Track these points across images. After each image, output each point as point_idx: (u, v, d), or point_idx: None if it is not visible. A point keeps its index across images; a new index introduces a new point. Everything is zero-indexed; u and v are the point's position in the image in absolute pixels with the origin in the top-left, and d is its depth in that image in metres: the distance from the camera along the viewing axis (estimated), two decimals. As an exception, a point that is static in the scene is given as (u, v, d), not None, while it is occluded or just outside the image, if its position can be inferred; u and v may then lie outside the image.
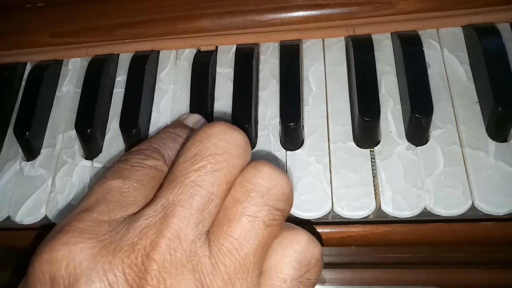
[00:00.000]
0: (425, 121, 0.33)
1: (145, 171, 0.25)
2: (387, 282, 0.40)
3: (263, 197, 0.22)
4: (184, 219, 0.21)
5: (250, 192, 0.22)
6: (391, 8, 0.38)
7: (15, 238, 0.38)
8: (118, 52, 0.42)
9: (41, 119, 0.40)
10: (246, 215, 0.22)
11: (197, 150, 0.23)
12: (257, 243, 0.22)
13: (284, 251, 0.23)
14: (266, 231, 0.22)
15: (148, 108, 0.39)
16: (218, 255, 0.21)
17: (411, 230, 0.33)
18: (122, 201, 0.23)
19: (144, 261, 0.20)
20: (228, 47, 0.40)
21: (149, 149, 0.27)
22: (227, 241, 0.21)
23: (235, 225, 0.22)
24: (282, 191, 0.23)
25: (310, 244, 0.23)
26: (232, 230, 0.21)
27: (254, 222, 0.22)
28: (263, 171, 0.23)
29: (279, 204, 0.22)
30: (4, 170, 0.38)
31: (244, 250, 0.21)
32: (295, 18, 0.39)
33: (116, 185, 0.24)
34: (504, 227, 0.32)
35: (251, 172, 0.23)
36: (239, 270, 0.21)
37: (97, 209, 0.23)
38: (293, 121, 0.34)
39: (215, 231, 0.22)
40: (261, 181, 0.22)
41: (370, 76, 0.35)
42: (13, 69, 0.43)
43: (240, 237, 0.21)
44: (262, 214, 0.22)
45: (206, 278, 0.21)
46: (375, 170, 0.33)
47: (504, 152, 0.32)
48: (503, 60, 0.34)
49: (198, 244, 0.21)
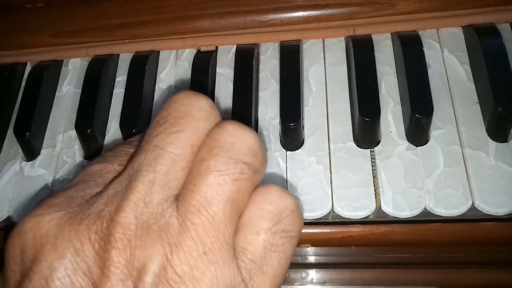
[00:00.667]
0: (425, 121, 0.33)
1: (129, 157, 0.24)
2: (387, 282, 0.40)
3: (228, 152, 0.21)
4: (148, 182, 0.21)
5: (214, 148, 0.21)
6: (391, 9, 0.38)
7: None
8: (118, 52, 0.42)
9: (41, 119, 0.40)
10: (211, 171, 0.21)
11: (160, 116, 0.23)
12: (225, 199, 0.21)
13: (256, 205, 0.22)
14: (233, 186, 0.21)
15: (148, 108, 0.39)
16: (185, 214, 0.20)
17: (411, 230, 0.33)
18: (101, 180, 0.23)
19: (109, 225, 0.20)
20: (228, 47, 0.40)
21: (136, 140, 0.26)
22: (194, 199, 0.21)
23: (201, 182, 0.21)
24: (248, 145, 0.22)
25: (281, 195, 0.23)
26: (198, 188, 0.21)
27: (220, 177, 0.21)
28: (227, 128, 0.22)
29: (246, 157, 0.22)
30: (4, 170, 0.38)
31: (212, 207, 0.21)
32: (295, 18, 0.39)
33: (98, 168, 0.24)
34: (504, 227, 0.32)
35: (216, 131, 0.22)
36: (208, 228, 0.20)
37: (74, 187, 0.23)
38: (293, 122, 0.34)
39: (182, 192, 0.21)
40: (226, 137, 0.22)
41: (370, 77, 0.35)
42: (13, 69, 0.43)
43: (207, 194, 0.21)
44: (227, 168, 0.21)
45: (174, 238, 0.20)
46: (375, 170, 0.33)
47: (504, 153, 0.32)
48: (503, 61, 0.34)
49: (165, 205, 0.21)
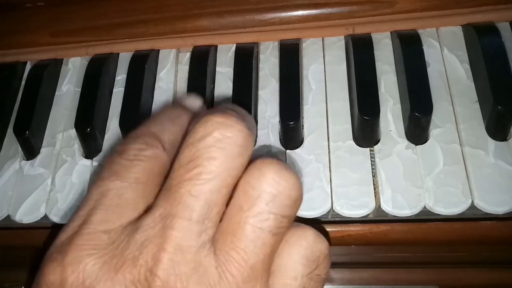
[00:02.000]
0: (424, 120, 0.33)
1: (143, 165, 0.23)
2: (387, 282, 0.40)
3: (268, 205, 0.21)
4: (184, 230, 0.20)
5: (253, 199, 0.21)
6: (390, 7, 0.38)
7: (15, 237, 0.38)
8: (118, 51, 0.42)
9: (41, 118, 0.40)
10: (250, 225, 0.21)
11: (191, 154, 0.21)
12: (264, 253, 0.21)
13: (291, 249, 0.22)
14: (272, 239, 0.21)
15: (148, 107, 0.39)
16: (224, 265, 0.20)
17: (411, 229, 0.33)
18: (120, 205, 0.22)
19: (148, 277, 0.20)
20: (227, 46, 0.40)
21: (146, 135, 0.25)
22: (233, 251, 0.20)
23: (240, 235, 0.21)
24: (289, 196, 0.21)
25: (317, 240, 0.23)
26: (238, 240, 0.21)
27: (260, 231, 0.21)
28: (266, 175, 0.21)
29: (286, 210, 0.21)
30: (4, 169, 0.38)
31: (251, 260, 0.20)
32: (295, 17, 0.39)
33: (113, 187, 0.23)
34: (504, 226, 0.32)
35: (254, 175, 0.21)
36: (247, 280, 0.20)
37: (94, 218, 0.22)
38: (292, 120, 0.34)
39: (220, 239, 0.21)
40: (265, 186, 0.21)
41: (369, 75, 0.35)
42: (13, 68, 0.43)
43: (246, 248, 0.20)
44: (268, 223, 0.21)
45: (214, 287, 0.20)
46: (374, 169, 0.33)
47: (504, 151, 0.32)
48: (502, 59, 0.34)
49: (202, 254, 0.20)
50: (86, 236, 0.21)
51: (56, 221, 0.35)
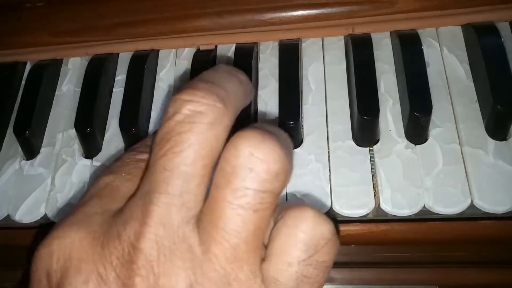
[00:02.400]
0: (424, 119, 0.33)
1: (136, 164, 0.24)
2: (387, 282, 0.40)
3: (245, 180, 0.19)
4: (163, 205, 0.20)
5: (229, 175, 0.20)
6: (390, 7, 0.38)
7: (14, 237, 0.38)
8: (118, 51, 0.42)
9: (40, 118, 0.40)
10: (228, 202, 0.20)
11: (163, 133, 0.21)
12: (246, 231, 0.20)
13: (289, 232, 0.20)
14: (254, 216, 0.20)
15: (147, 107, 0.39)
16: (207, 243, 0.20)
17: (411, 228, 0.33)
18: (114, 193, 0.23)
19: (130, 251, 0.20)
20: (227, 46, 0.40)
21: (141, 146, 0.26)
22: (213, 230, 0.20)
23: (219, 213, 0.20)
24: (267, 170, 0.20)
25: (317, 222, 0.20)
26: (217, 219, 0.20)
27: (239, 209, 0.19)
28: (241, 149, 0.20)
29: (265, 185, 0.20)
30: (4, 169, 0.38)
31: (232, 239, 0.19)
32: (295, 17, 0.39)
33: (108, 180, 0.24)
34: (504, 226, 0.32)
35: (230, 151, 0.20)
36: (231, 260, 0.19)
37: (89, 203, 0.23)
38: (292, 120, 0.34)
39: (203, 219, 0.20)
40: (240, 161, 0.19)
41: (369, 75, 0.35)
42: (13, 68, 0.43)
43: (225, 226, 0.19)
44: (246, 200, 0.19)
45: (198, 267, 0.19)
46: (374, 168, 0.33)
47: (503, 151, 0.32)
48: (502, 59, 0.34)
49: (186, 229, 0.20)
50: (80, 215, 0.22)
51: (56, 221, 0.35)
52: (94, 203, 0.23)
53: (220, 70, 0.24)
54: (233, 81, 0.24)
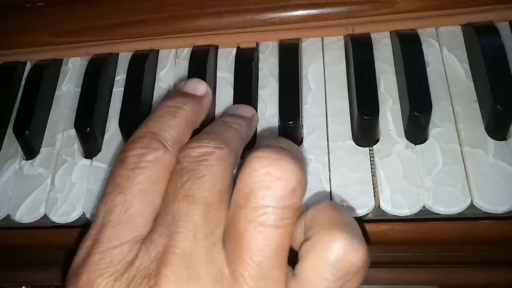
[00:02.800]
0: (424, 119, 0.33)
1: (145, 173, 0.23)
2: (387, 282, 0.40)
3: (264, 199, 0.20)
4: (189, 231, 0.20)
5: (248, 195, 0.20)
6: (390, 7, 0.38)
7: (14, 237, 0.38)
8: (118, 51, 0.42)
9: (40, 118, 0.40)
10: (249, 221, 0.20)
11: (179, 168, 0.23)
12: (269, 247, 0.20)
13: (317, 259, 0.20)
14: (276, 233, 0.20)
15: (147, 107, 0.39)
16: (233, 264, 0.20)
17: (411, 228, 0.33)
18: (129, 220, 0.22)
19: (156, 279, 0.20)
20: (228, 49, 0.40)
21: (146, 137, 0.24)
22: (238, 249, 0.20)
23: (241, 232, 0.20)
24: (284, 186, 0.20)
25: (347, 252, 0.20)
26: (240, 238, 0.20)
27: (260, 226, 0.20)
28: (257, 170, 0.20)
29: (284, 201, 0.20)
30: (3, 169, 0.38)
31: (257, 257, 0.20)
32: (294, 17, 0.39)
33: (118, 202, 0.23)
34: (504, 226, 0.32)
35: (246, 171, 0.21)
36: (256, 278, 0.20)
37: (104, 236, 0.22)
38: (292, 120, 0.34)
39: (226, 239, 0.21)
40: (257, 181, 0.20)
41: (369, 75, 0.35)
42: (13, 68, 0.43)
43: (249, 245, 0.20)
44: (266, 217, 0.20)
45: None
46: (374, 168, 0.33)
47: (503, 151, 0.32)
48: (502, 59, 0.34)
49: (214, 251, 0.21)
50: (98, 255, 0.21)
51: (56, 220, 0.35)
52: (109, 236, 0.22)
53: (217, 123, 0.28)
54: (230, 130, 0.27)
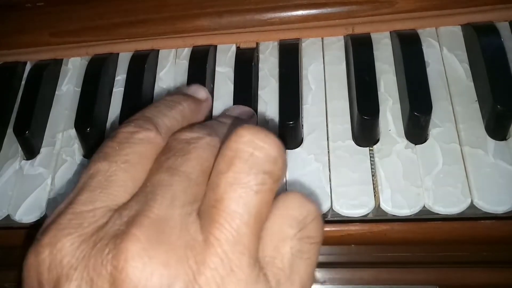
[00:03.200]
0: (424, 119, 0.33)
1: (134, 148, 0.23)
2: (387, 282, 0.40)
3: (247, 162, 0.20)
4: (167, 199, 0.20)
5: (230, 159, 0.21)
6: (390, 7, 0.38)
7: (15, 237, 0.38)
8: (118, 51, 0.42)
9: (40, 118, 0.40)
10: (231, 184, 0.20)
11: (166, 147, 0.24)
12: (248, 212, 0.20)
13: (279, 212, 0.21)
14: (256, 198, 0.20)
15: (147, 107, 0.39)
16: (208, 229, 0.19)
17: (411, 228, 0.33)
18: (108, 186, 0.22)
19: (124, 239, 0.19)
20: (227, 46, 0.40)
21: (140, 119, 0.25)
22: (216, 214, 0.20)
23: (221, 196, 0.20)
24: (268, 153, 0.21)
25: (303, 201, 0.22)
26: (219, 202, 0.20)
27: (241, 190, 0.20)
28: (243, 135, 0.21)
29: (266, 166, 0.21)
30: (4, 169, 0.38)
31: (235, 221, 0.19)
32: (295, 17, 0.39)
33: (102, 168, 0.22)
34: (504, 226, 0.32)
35: (232, 139, 0.21)
36: (233, 243, 0.19)
37: (80, 198, 0.21)
38: (292, 120, 0.34)
39: (204, 207, 0.21)
40: (243, 146, 0.21)
41: (369, 75, 0.35)
42: (13, 68, 0.43)
43: (227, 208, 0.20)
44: (248, 180, 0.20)
45: (199, 255, 0.19)
46: (374, 168, 0.33)
47: (503, 151, 0.32)
48: (502, 59, 0.34)
49: (188, 219, 0.20)
50: (69, 215, 0.21)
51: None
52: (85, 198, 0.21)
53: (213, 121, 0.29)
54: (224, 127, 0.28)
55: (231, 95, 0.38)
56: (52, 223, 0.21)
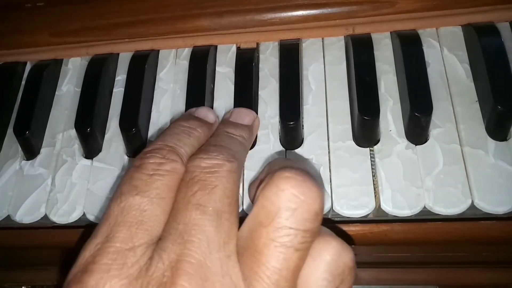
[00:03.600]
0: (424, 120, 0.33)
1: (163, 180, 0.23)
2: (387, 282, 0.40)
3: (288, 219, 0.20)
4: (203, 242, 0.21)
5: (273, 214, 0.21)
6: (390, 7, 0.38)
7: (15, 237, 0.38)
8: (118, 51, 0.42)
9: (41, 118, 0.40)
10: (271, 240, 0.20)
11: (189, 177, 0.24)
12: (287, 268, 0.20)
13: (314, 263, 0.21)
14: (295, 255, 0.21)
15: (147, 108, 0.39)
16: (250, 278, 0.20)
17: (411, 229, 0.33)
18: (144, 222, 0.22)
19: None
20: (227, 47, 0.40)
21: (164, 149, 0.25)
22: (256, 266, 0.20)
23: (261, 250, 0.20)
24: (308, 210, 0.21)
25: (341, 253, 0.22)
26: (259, 255, 0.20)
27: (281, 247, 0.20)
28: (285, 190, 0.21)
29: (307, 224, 0.21)
30: (4, 169, 0.38)
31: (274, 276, 0.20)
32: (295, 17, 0.39)
33: (135, 203, 0.22)
34: (504, 226, 0.32)
35: (272, 190, 0.21)
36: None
37: (118, 236, 0.21)
38: (292, 120, 0.34)
39: (244, 253, 0.21)
40: (284, 201, 0.21)
41: (369, 75, 0.35)
42: (13, 68, 0.43)
43: (267, 263, 0.20)
44: (289, 239, 0.20)
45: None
46: (374, 169, 0.33)
47: (504, 151, 0.32)
48: (502, 59, 0.34)
49: (229, 264, 0.21)
50: (111, 255, 0.20)
51: (56, 221, 0.35)
52: (123, 236, 0.21)
53: (222, 135, 0.29)
54: (235, 143, 0.28)
55: (232, 96, 0.38)
56: (93, 262, 0.20)
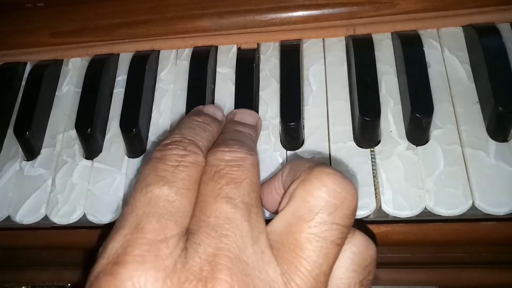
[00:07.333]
0: (425, 120, 0.33)
1: (189, 171, 0.23)
2: (387, 282, 0.40)
3: (331, 215, 0.21)
4: (237, 236, 0.21)
5: (315, 209, 0.21)
6: (391, 8, 0.38)
7: (15, 238, 0.38)
8: (118, 52, 0.42)
9: (41, 119, 0.40)
10: (313, 235, 0.21)
11: (213, 170, 0.23)
12: (327, 263, 0.21)
13: (343, 255, 0.22)
14: (335, 250, 0.21)
15: (148, 108, 0.39)
16: (288, 273, 0.20)
17: (412, 230, 0.33)
18: (173, 213, 0.21)
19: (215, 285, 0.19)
20: (228, 47, 0.40)
21: (183, 141, 0.25)
22: (296, 261, 0.20)
23: (303, 244, 0.21)
24: (349, 206, 0.21)
25: (367, 245, 0.23)
26: (300, 250, 0.21)
27: (323, 241, 0.20)
28: (328, 185, 0.21)
29: (347, 220, 0.21)
30: (4, 169, 0.38)
31: (315, 271, 0.20)
32: (296, 18, 0.39)
33: (162, 194, 0.22)
34: (505, 227, 0.32)
35: (315, 185, 0.21)
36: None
37: (149, 227, 0.20)
38: (293, 121, 0.34)
39: (281, 248, 0.21)
40: (327, 197, 0.21)
41: (370, 76, 0.35)
42: (14, 68, 0.43)
43: (309, 258, 0.20)
44: (331, 233, 0.21)
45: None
46: (375, 170, 0.33)
47: (505, 152, 0.32)
48: (503, 60, 0.34)
49: (265, 259, 0.21)
50: (144, 246, 0.20)
51: (57, 222, 0.35)
52: (154, 227, 0.20)
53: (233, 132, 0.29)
54: (248, 139, 0.28)
55: (232, 96, 0.38)
56: (124, 253, 0.19)
